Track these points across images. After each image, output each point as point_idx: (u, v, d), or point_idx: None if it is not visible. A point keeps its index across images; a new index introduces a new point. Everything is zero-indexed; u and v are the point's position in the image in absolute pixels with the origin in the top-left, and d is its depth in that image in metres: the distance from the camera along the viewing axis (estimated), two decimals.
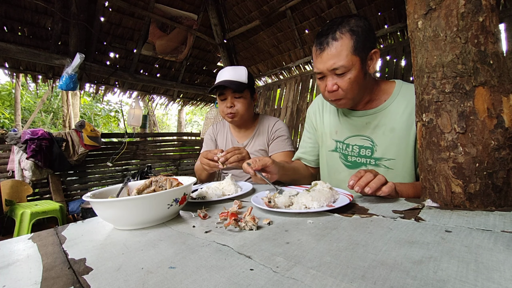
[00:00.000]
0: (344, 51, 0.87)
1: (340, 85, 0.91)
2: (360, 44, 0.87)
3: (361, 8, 3.15)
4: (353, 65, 0.87)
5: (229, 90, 1.41)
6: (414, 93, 0.92)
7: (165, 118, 18.47)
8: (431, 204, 0.69)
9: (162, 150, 4.76)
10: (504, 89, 0.62)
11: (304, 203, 0.72)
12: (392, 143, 0.96)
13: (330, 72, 0.90)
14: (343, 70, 0.88)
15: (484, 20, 0.61)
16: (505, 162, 0.61)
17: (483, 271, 0.36)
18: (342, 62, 0.87)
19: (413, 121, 0.92)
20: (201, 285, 0.40)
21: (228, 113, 1.43)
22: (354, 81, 0.89)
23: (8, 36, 2.99)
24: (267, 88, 4.41)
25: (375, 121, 0.99)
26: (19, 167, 3.08)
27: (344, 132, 1.07)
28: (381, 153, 0.99)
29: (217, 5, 4.19)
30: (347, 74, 0.88)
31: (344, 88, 0.91)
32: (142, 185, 0.81)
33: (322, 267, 0.42)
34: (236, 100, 1.43)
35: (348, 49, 0.87)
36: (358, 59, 0.88)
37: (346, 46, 0.87)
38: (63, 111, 8.80)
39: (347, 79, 0.89)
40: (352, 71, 0.88)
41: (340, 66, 0.87)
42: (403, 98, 0.96)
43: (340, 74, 0.89)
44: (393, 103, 0.97)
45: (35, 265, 0.52)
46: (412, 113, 0.92)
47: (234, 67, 1.47)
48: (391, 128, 0.96)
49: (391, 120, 0.96)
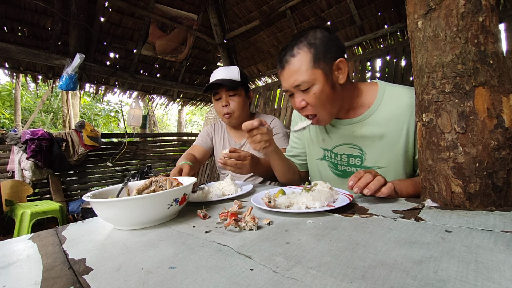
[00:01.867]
0: (303, 65, 0.85)
1: (308, 101, 0.89)
2: (320, 56, 0.84)
3: (361, 8, 3.15)
4: (315, 79, 0.85)
5: (223, 88, 1.41)
6: (399, 96, 0.91)
7: (165, 118, 18.47)
8: (431, 204, 0.69)
9: (162, 150, 4.77)
10: (504, 89, 0.62)
11: (305, 203, 0.72)
12: (383, 151, 0.93)
13: (295, 89, 0.88)
14: (306, 85, 0.85)
15: (484, 20, 0.61)
16: (505, 162, 0.61)
17: (483, 271, 0.36)
18: (303, 78, 0.85)
19: (402, 127, 0.90)
20: (201, 285, 0.40)
21: (225, 112, 1.44)
22: (320, 95, 0.86)
23: (8, 36, 2.99)
24: (267, 88, 4.40)
25: (362, 129, 0.96)
26: (19, 167, 3.08)
27: (332, 141, 1.05)
28: (372, 162, 0.96)
29: (217, 5, 4.19)
30: (312, 88, 0.86)
31: (313, 104, 0.88)
32: (142, 185, 0.81)
33: (322, 267, 0.42)
34: (231, 98, 1.43)
35: (307, 63, 0.84)
36: (320, 71, 0.85)
37: (304, 60, 0.85)
38: (63, 111, 8.81)
39: (312, 94, 0.86)
40: (317, 85, 0.85)
41: (302, 82, 0.85)
42: (388, 103, 0.93)
43: (304, 90, 0.87)
44: (379, 108, 0.93)
45: (35, 265, 0.52)
46: (400, 118, 0.90)
47: (227, 67, 1.48)
48: (380, 135, 0.93)
49: (379, 128, 0.93)
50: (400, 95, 0.92)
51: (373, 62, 3.23)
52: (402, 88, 0.95)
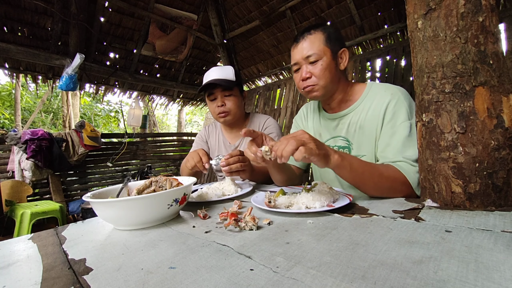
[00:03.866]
0: (316, 42, 1.00)
1: (313, 72, 1.00)
2: (331, 40, 1.00)
3: (361, 8, 3.15)
4: (324, 54, 0.99)
5: (218, 88, 1.40)
6: (382, 92, 1.00)
7: (165, 118, 18.46)
8: (431, 204, 0.69)
9: (162, 150, 4.76)
10: (504, 89, 0.62)
11: (305, 203, 0.72)
12: (363, 140, 1.02)
13: (304, 60, 1.01)
14: (316, 57, 0.99)
15: (484, 20, 0.61)
16: (505, 162, 0.61)
17: (483, 271, 0.36)
18: (315, 50, 0.99)
19: (377, 118, 0.97)
20: (201, 285, 0.40)
21: (220, 112, 1.41)
22: (326, 68, 0.99)
23: (8, 37, 2.99)
24: (267, 88, 4.40)
25: (347, 120, 1.06)
26: (19, 168, 3.08)
27: (325, 135, 1.16)
28: (356, 151, 1.05)
29: (217, 5, 4.19)
30: (319, 61, 0.99)
31: (317, 75, 1.00)
32: (142, 185, 0.81)
33: (322, 267, 0.42)
34: (226, 98, 1.42)
35: (320, 40, 1.00)
36: (329, 50, 0.99)
37: (318, 38, 1.00)
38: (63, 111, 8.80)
39: (319, 65, 0.99)
40: (324, 59, 0.99)
41: (313, 53, 0.99)
42: (371, 97, 1.03)
43: (313, 61, 0.99)
44: (363, 102, 1.04)
45: (35, 266, 0.52)
46: (375, 109, 0.98)
47: (221, 67, 1.46)
48: (360, 125, 1.03)
49: (360, 119, 1.03)
50: (381, 92, 1.01)
51: (373, 62, 3.23)
52: (386, 86, 1.03)
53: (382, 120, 0.96)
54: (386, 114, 0.95)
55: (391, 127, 0.93)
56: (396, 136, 0.91)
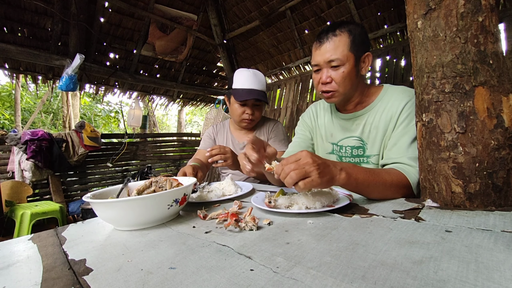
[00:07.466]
0: (341, 46, 0.94)
1: (333, 78, 0.97)
2: (356, 44, 0.95)
3: (361, 8, 3.15)
4: (347, 60, 0.95)
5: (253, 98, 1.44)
6: (399, 94, 0.99)
7: (165, 118, 18.47)
8: (431, 204, 0.69)
9: (162, 151, 4.76)
10: (504, 89, 0.62)
11: (305, 204, 0.72)
12: (376, 140, 1.02)
13: (326, 64, 0.97)
14: (338, 62, 0.95)
15: (484, 20, 0.61)
16: (505, 162, 0.61)
17: (483, 271, 0.36)
18: (338, 55, 0.94)
19: (393, 119, 0.96)
20: (201, 285, 0.40)
21: (247, 119, 1.48)
22: (347, 75, 0.96)
23: (8, 37, 2.99)
24: (267, 88, 4.40)
25: (363, 121, 1.05)
26: (19, 168, 3.08)
27: (338, 135, 1.13)
28: (370, 151, 1.04)
29: (217, 5, 4.19)
30: (341, 67, 0.95)
31: (337, 81, 0.97)
32: (142, 186, 0.81)
33: (322, 267, 0.42)
34: (256, 108, 1.50)
35: (345, 45, 0.94)
36: (352, 56, 0.95)
37: (343, 42, 0.94)
38: (63, 111, 8.81)
39: (340, 72, 0.95)
40: (346, 66, 0.95)
41: (336, 58, 0.94)
42: (387, 98, 1.02)
43: (335, 66, 0.96)
44: (379, 103, 1.03)
45: (35, 266, 0.52)
46: (390, 110, 0.97)
47: (255, 73, 1.49)
48: (375, 126, 1.02)
49: (375, 119, 1.02)
50: (399, 94, 1.00)
51: (373, 62, 3.23)
52: (403, 88, 1.02)
53: (396, 121, 0.95)
54: (401, 115, 0.94)
55: (403, 127, 0.93)
56: (406, 137, 0.91)
